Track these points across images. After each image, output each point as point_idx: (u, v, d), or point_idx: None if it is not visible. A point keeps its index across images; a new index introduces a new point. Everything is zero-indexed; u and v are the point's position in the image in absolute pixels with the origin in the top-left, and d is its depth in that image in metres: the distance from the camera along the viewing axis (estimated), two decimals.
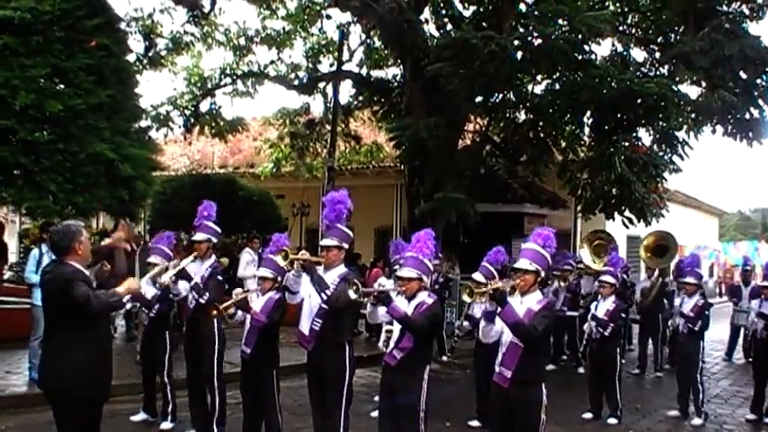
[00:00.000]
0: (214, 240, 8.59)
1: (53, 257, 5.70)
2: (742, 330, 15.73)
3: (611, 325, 10.01)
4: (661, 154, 15.96)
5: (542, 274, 6.35)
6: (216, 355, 8.21)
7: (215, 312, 7.34)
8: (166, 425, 8.79)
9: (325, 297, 6.72)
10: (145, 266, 10.20)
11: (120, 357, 12.11)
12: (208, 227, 8.53)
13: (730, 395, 12.24)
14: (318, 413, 7.07)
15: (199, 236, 8.48)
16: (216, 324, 8.18)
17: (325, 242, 7.08)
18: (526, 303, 6.11)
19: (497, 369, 6.13)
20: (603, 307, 10.25)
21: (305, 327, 7.02)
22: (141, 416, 9.16)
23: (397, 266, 8.92)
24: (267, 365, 7.48)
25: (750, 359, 15.45)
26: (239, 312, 7.48)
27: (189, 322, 8.53)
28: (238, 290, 7.69)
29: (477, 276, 8.66)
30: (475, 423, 9.39)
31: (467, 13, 17.03)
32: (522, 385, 5.97)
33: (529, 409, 5.95)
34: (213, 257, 8.59)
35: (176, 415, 8.84)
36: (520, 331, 5.88)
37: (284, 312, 7.58)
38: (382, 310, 6.33)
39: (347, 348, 6.91)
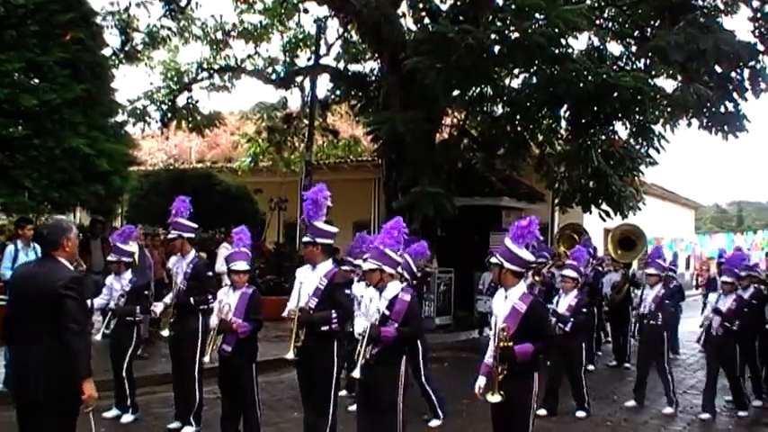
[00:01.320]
0: (186, 236, 8.49)
1: (30, 253, 5.59)
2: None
3: (572, 320, 9.93)
4: (637, 147, 16.06)
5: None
6: (198, 353, 8.13)
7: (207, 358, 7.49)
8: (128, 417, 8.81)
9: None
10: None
11: (98, 354, 12.05)
12: (180, 224, 8.47)
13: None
14: (307, 406, 7.10)
15: (171, 234, 8.50)
16: (200, 321, 8.16)
17: (307, 239, 7.14)
18: (511, 299, 6.00)
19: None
20: (565, 302, 10.12)
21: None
22: (114, 412, 8.96)
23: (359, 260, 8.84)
24: (246, 362, 7.40)
25: None
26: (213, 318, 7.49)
27: (174, 320, 8.46)
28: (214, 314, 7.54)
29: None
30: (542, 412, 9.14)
31: (444, 7, 17.04)
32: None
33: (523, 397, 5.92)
34: (193, 252, 8.56)
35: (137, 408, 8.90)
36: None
37: (262, 307, 7.59)
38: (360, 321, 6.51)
39: (336, 342, 6.86)
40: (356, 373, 6.30)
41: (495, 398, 5.75)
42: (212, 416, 8.27)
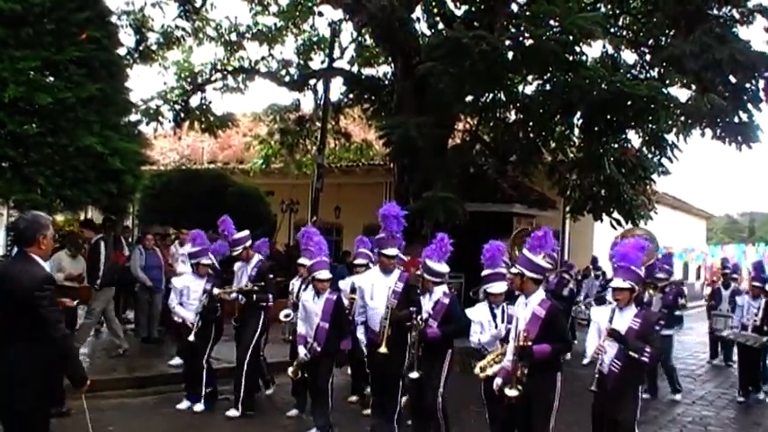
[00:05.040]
0: (248, 244, 9.67)
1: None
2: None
3: None
4: (650, 156, 16.02)
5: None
6: (254, 344, 9.30)
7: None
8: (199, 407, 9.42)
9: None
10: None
11: (105, 352, 12.10)
12: (238, 239, 9.61)
13: (715, 397, 12.28)
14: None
15: (236, 250, 9.65)
16: (262, 317, 9.40)
17: (390, 252, 8.33)
18: (531, 305, 6.51)
19: None
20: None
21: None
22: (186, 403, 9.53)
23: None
24: (330, 357, 8.30)
25: (729, 363, 15.57)
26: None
27: (239, 315, 9.65)
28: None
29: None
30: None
31: (458, 13, 17.04)
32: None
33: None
34: (257, 257, 9.72)
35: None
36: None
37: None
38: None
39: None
40: (414, 375, 7.47)
41: (512, 392, 6.25)
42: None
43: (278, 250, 20.84)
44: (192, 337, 9.20)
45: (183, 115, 21.08)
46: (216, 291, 9.44)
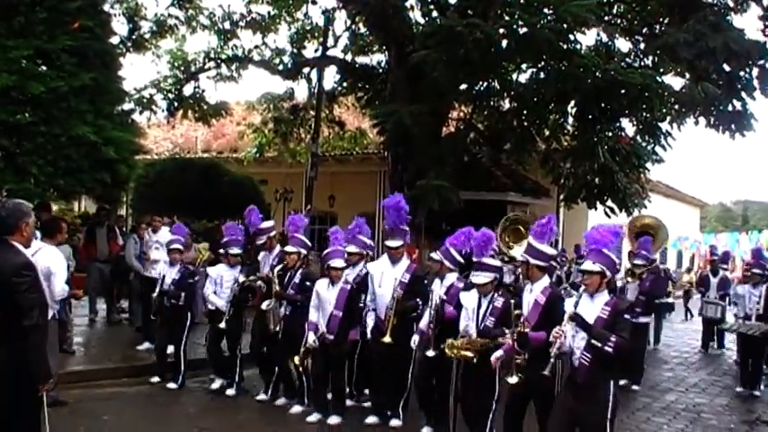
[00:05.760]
0: (272, 234, 10.05)
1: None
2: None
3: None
4: (644, 144, 16.02)
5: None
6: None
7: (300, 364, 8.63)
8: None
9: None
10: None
11: (102, 341, 12.11)
12: (263, 229, 9.95)
13: (708, 384, 12.34)
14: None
15: (260, 239, 10.05)
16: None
17: (393, 243, 8.50)
18: (534, 292, 6.60)
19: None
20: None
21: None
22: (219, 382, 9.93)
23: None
24: (340, 348, 8.47)
25: (723, 347, 15.66)
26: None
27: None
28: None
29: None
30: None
31: (452, 1, 16.97)
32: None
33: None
34: (278, 247, 9.95)
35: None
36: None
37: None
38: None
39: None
40: (430, 353, 7.62)
41: (512, 379, 6.27)
42: None
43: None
44: (223, 324, 9.51)
45: (176, 104, 21.07)
46: (241, 278, 9.70)
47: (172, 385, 9.75)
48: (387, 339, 8.09)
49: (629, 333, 5.77)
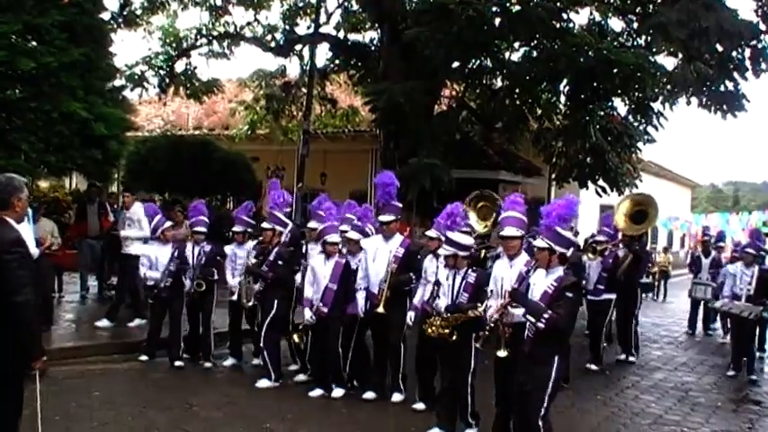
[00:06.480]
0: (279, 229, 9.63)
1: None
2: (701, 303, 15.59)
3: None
4: (636, 124, 16.04)
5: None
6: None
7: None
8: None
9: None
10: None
11: (93, 317, 12.09)
12: (275, 216, 9.60)
13: (696, 363, 12.42)
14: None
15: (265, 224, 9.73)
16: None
17: (384, 218, 8.55)
18: (516, 267, 6.68)
19: None
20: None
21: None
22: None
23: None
24: (336, 321, 8.53)
25: (708, 332, 15.71)
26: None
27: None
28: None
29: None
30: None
31: None
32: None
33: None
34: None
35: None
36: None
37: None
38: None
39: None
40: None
41: (502, 353, 6.29)
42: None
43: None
44: (235, 297, 9.80)
45: (167, 81, 20.98)
46: (251, 261, 9.63)
47: (207, 364, 9.88)
48: (380, 310, 8.28)
49: (567, 310, 5.82)
